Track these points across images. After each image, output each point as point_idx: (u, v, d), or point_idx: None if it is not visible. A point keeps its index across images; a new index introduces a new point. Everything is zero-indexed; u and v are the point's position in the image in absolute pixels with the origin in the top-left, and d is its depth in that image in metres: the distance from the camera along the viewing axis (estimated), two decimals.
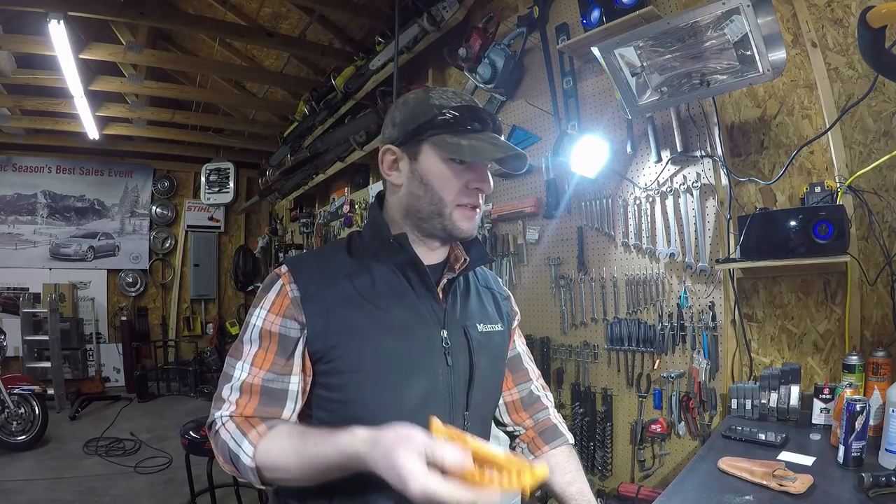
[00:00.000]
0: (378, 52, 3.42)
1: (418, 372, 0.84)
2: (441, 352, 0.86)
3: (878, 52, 1.20)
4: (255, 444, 0.74)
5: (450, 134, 0.84)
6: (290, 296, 0.82)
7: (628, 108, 1.86)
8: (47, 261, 6.29)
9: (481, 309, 0.97)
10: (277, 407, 0.81)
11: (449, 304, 0.90)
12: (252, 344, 0.82)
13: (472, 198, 0.87)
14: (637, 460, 2.11)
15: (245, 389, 0.80)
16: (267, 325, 0.82)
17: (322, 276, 0.85)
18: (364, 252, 0.89)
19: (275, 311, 0.82)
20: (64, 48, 3.41)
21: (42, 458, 3.95)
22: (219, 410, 0.80)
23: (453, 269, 0.92)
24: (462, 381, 0.88)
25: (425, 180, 0.86)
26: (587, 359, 2.29)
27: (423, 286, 0.88)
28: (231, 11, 4.03)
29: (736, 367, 1.86)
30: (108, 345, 6.46)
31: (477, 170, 0.87)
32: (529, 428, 1.08)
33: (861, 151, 1.61)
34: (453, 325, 0.89)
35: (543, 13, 2.40)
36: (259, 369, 0.81)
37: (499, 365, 1.00)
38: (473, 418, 0.89)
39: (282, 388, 0.81)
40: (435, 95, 0.88)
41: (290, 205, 6.20)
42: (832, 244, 1.45)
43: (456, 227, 0.87)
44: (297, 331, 0.81)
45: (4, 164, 6.13)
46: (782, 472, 1.18)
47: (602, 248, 2.26)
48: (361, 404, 0.81)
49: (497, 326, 0.98)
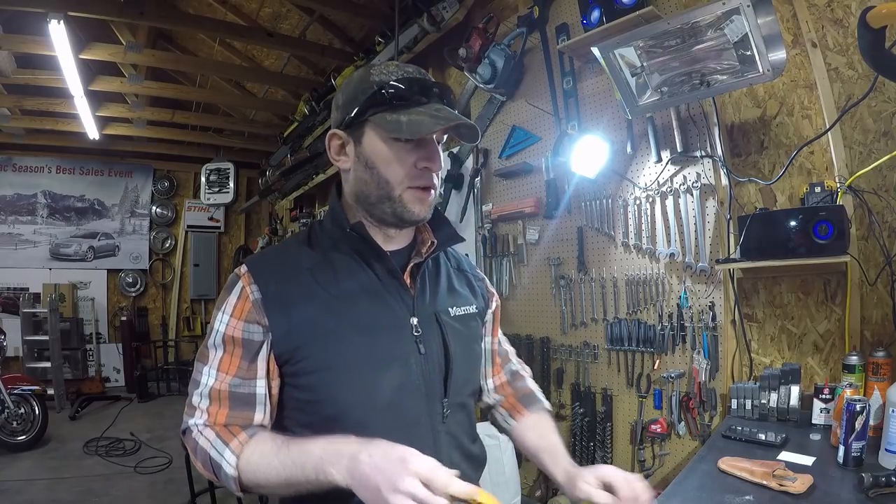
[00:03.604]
0: (378, 52, 3.42)
1: (389, 364, 0.81)
2: (412, 340, 0.83)
3: (878, 52, 1.20)
4: (238, 453, 0.74)
5: (390, 111, 0.79)
6: (250, 298, 0.79)
7: (628, 108, 1.86)
8: (47, 261, 6.29)
9: (453, 292, 0.93)
10: (248, 411, 0.79)
11: (418, 290, 0.87)
12: (216, 349, 0.80)
13: (422, 178, 0.81)
14: (637, 460, 2.11)
15: (214, 396, 0.79)
16: (230, 331, 0.80)
17: (282, 272, 0.82)
18: (325, 243, 0.86)
19: (237, 316, 0.80)
20: (64, 48, 3.41)
21: (42, 459, 3.95)
22: (192, 418, 0.79)
23: (420, 252, 0.89)
24: (437, 369, 0.85)
25: (370, 164, 0.81)
26: (587, 359, 2.29)
27: (388, 274, 0.84)
28: (231, 11, 4.03)
29: (736, 367, 1.86)
30: (108, 345, 6.46)
31: (425, 147, 0.81)
32: (509, 395, 1.06)
33: (861, 151, 1.61)
34: (424, 312, 0.86)
35: (543, 13, 2.40)
36: (226, 374, 0.79)
37: (474, 346, 0.96)
38: (452, 405, 0.87)
39: (249, 391, 0.79)
40: (376, 72, 0.82)
41: (290, 205, 6.19)
42: (832, 244, 1.45)
43: (407, 211, 0.82)
44: (260, 334, 0.79)
45: (4, 164, 6.12)
46: (782, 472, 1.18)
47: (602, 248, 2.26)
48: (333, 403, 0.79)
49: (471, 308, 0.95)
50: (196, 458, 0.78)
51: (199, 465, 0.78)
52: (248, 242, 7.32)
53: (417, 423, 0.83)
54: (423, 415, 0.83)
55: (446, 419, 0.86)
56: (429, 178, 0.82)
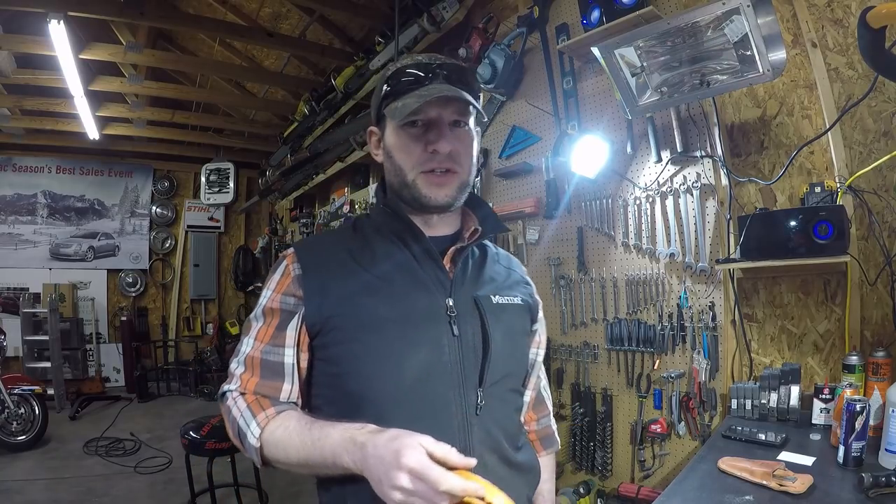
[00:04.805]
0: (378, 53, 3.42)
1: (418, 342, 0.80)
2: (445, 320, 0.81)
3: (878, 52, 1.20)
4: (263, 426, 0.76)
5: (395, 99, 0.82)
6: (292, 274, 0.84)
7: (628, 108, 1.86)
8: (47, 261, 6.29)
9: (497, 282, 0.92)
10: (278, 380, 0.81)
11: (457, 273, 0.86)
12: (257, 321, 0.85)
13: (432, 162, 0.81)
14: (637, 460, 2.11)
15: (248, 363, 0.83)
16: (269, 303, 0.85)
17: (324, 252, 0.87)
18: (367, 228, 0.90)
19: (277, 290, 0.85)
20: (64, 48, 3.41)
21: (42, 459, 3.95)
22: (228, 385, 0.83)
23: (463, 238, 0.90)
24: (473, 354, 0.82)
25: (389, 153, 0.86)
26: (587, 359, 2.29)
27: (425, 254, 0.85)
28: (231, 11, 4.03)
29: (736, 367, 1.86)
30: (108, 345, 6.45)
31: (432, 129, 0.82)
32: (533, 431, 1.08)
33: (861, 151, 1.61)
34: (461, 295, 0.84)
35: (543, 13, 2.40)
36: (260, 342, 0.83)
37: (519, 341, 0.93)
38: (490, 397, 0.82)
39: (278, 360, 0.82)
40: (392, 66, 0.86)
41: (290, 205, 6.20)
42: (832, 244, 1.45)
43: (422, 196, 0.83)
44: (293, 305, 0.83)
45: (4, 164, 6.12)
46: (782, 472, 1.18)
47: (602, 248, 2.26)
48: (356, 377, 0.79)
49: (515, 299, 0.92)
50: (228, 424, 0.82)
51: (229, 431, 0.82)
52: (248, 242, 7.32)
53: (446, 409, 0.79)
54: (453, 402, 0.79)
55: (481, 411, 0.81)
56: (441, 160, 0.82)
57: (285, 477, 3.64)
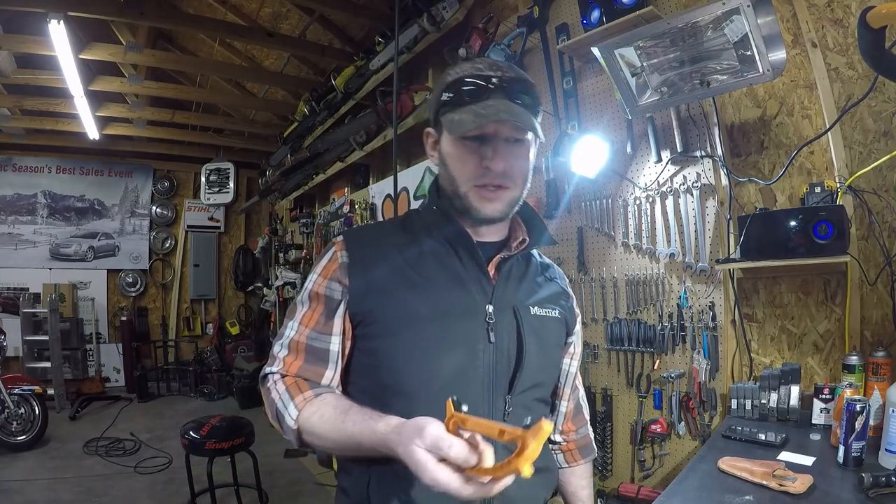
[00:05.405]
0: (378, 53, 3.42)
1: (454, 344, 0.81)
2: (483, 327, 0.83)
3: (878, 52, 1.20)
4: (300, 409, 0.78)
5: (453, 109, 0.82)
6: (339, 261, 0.85)
7: (628, 108, 1.86)
8: (47, 261, 6.29)
9: (538, 293, 0.92)
10: (321, 366, 0.83)
11: (500, 281, 0.87)
12: (303, 305, 0.87)
13: (486, 177, 0.82)
14: (637, 460, 2.11)
15: (292, 347, 0.84)
16: (315, 287, 0.86)
17: (373, 244, 0.88)
18: (417, 226, 0.90)
19: (324, 275, 0.86)
20: (64, 48, 3.41)
21: (42, 459, 3.95)
22: (270, 367, 0.84)
23: (510, 247, 0.90)
24: (506, 362, 0.83)
25: (444, 161, 0.86)
26: (587, 359, 2.29)
27: (472, 259, 0.86)
28: (231, 11, 4.03)
29: (736, 367, 1.86)
30: (108, 345, 6.46)
31: (488, 144, 0.81)
32: (572, 441, 1.08)
33: (861, 151, 1.61)
34: (501, 303, 0.85)
35: (543, 13, 2.40)
36: (305, 327, 0.84)
37: (552, 353, 0.94)
38: (517, 405, 0.84)
39: (323, 347, 0.83)
40: (452, 71, 0.85)
41: (290, 205, 6.20)
42: (832, 244, 1.45)
43: (473, 209, 0.84)
44: (339, 293, 0.84)
45: (4, 164, 6.13)
46: (782, 472, 1.18)
47: (602, 248, 2.26)
48: (390, 371, 0.81)
49: (553, 312, 0.93)
50: (267, 406, 0.83)
51: (269, 412, 0.83)
52: (248, 242, 7.32)
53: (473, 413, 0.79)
54: (481, 406, 0.81)
55: (508, 417, 0.82)
56: (494, 176, 0.82)
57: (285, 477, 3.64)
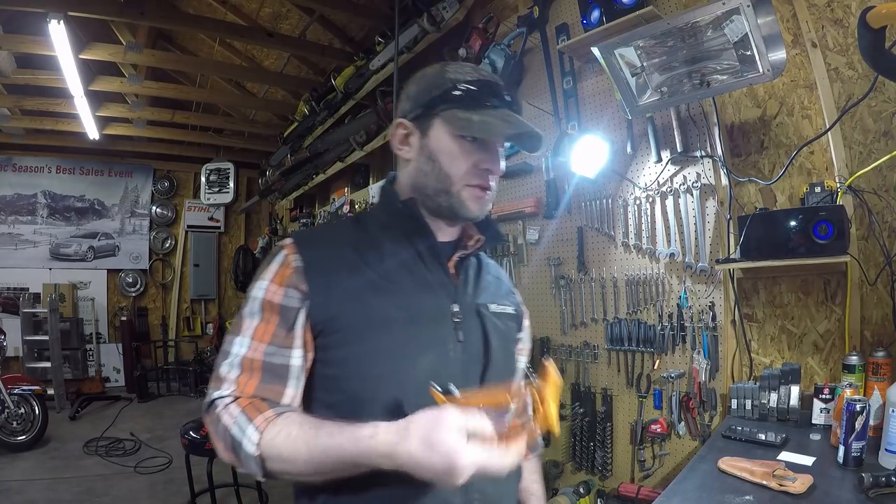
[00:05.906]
0: (378, 53, 3.42)
1: (428, 346, 0.79)
2: (451, 327, 0.82)
3: (878, 52, 1.20)
4: (262, 430, 0.68)
5: (462, 109, 0.81)
6: (293, 265, 0.78)
7: (628, 108, 1.86)
8: (47, 261, 6.29)
9: (493, 290, 0.94)
10: (280, 384, 0.75)
11: (461, 280, 0.87)
12: (253, 317, 0.77)
13: (481, 178, 0.83)
14: (637, 460, 2.11)
15: (246, 366, 0.74)
16: (268, 296, 0.77)
17: (327, 246, 0.83)
18: (372, 224, 0.87)
19: (277, 282, 0.78)
20: (64, 48, 3.41)
21: (42, 458, 3.95)
22: (218, 390, 0.74)
23: (466, 246, 0.90)
24: (476, 362, 0.83)
25: (434, 157, 0.83)
26: (587, 359, 2.29)
27: (433, 257, 0.84)
28: (231, 11, 4.03)
29: (736, 367, 1.86)
30: (108, 345, 6.46)
31: (488, 149, 0.83)
32: None
33: (861, 151, 1.61)
34: (465, 301, 0.85)
35: (543, 13, 2.40)
36: (260, 342, 0.75)
37: (510, 347, 0.94)
38: None
39: (283, 362, 0.75)
40: (451, 69, 0.85)
41: (290, 205, 6.19)
42: (832, 244, 1.45)
43: (463, 207, 0.83)
44: (298, 300, 0.77)
45: (4, 164, 6.12)
46: (782, 472, 1.18)
47: (602, 248, 2.26)
48: (361, 379, 0.75)
49: (509, 308, 0.94)
50: (217, 437, 0.72)
51: (219, 446, 0.72)
52: (248, 242, 7.32)
53: None
54: None
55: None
56: (487, 179, 0.84)
57: None
